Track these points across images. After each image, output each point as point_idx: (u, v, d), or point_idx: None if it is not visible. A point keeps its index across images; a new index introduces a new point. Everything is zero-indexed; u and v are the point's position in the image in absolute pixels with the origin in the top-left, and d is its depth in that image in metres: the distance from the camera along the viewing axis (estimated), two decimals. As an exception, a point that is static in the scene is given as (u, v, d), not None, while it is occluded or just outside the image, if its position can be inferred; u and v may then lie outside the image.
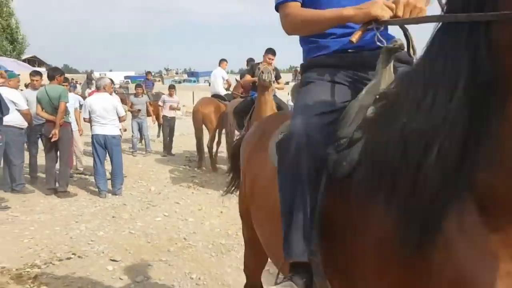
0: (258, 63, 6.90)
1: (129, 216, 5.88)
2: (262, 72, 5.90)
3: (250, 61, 9.99)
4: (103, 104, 6.83)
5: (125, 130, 9.73)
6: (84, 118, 7.11)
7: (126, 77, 64.01)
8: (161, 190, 7.40)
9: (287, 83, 32.51)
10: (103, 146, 6.88)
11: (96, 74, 32.87)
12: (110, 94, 7.43)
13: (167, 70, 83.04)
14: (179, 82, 46.12)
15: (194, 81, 49.98)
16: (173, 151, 11.14)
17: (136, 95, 11.63)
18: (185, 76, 70.96)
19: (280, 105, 6.75)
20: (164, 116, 11.23)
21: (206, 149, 9.36)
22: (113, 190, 7.00)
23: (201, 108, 9.04)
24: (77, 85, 20.95)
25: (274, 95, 6.79)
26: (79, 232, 5.19)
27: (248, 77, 7.47)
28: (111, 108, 6.90)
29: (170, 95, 11.39)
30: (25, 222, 5.54)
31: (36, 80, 7.56)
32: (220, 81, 9.76)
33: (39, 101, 6.71)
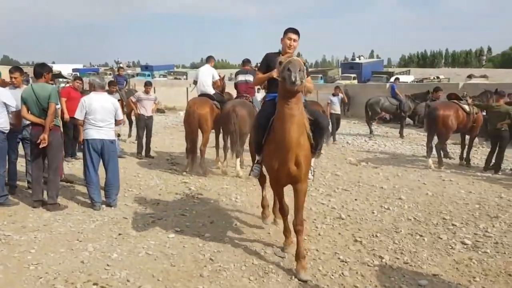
0: (277, 53, 4.78)
1: (137, 233, 5.31)
2: (289, 70, 3.64)
3: (247, 62, 9.55)
4: (104, 105, 6.16)
5: (118, 135, 9.10)
6: (77, 120, 6.35)
7: (74, 70, 61.01)
8: (158, 199, 6.84)
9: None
10: (99, 152, 6.21)
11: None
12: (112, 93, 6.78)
13: (117, 63, 79.83)
14: (133, 76, 44.33)
15: (149, 75, 48.14)
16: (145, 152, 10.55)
17: (109, 92, 10.85)
18: (138, 70, 68.71)
19: (316, 118, 4.66)
20: (140, 115, 10.55)
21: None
22: (107, 201, 6.36)
23: (197, 109, 8.49)
24: (30, 78, 19.49)
25: (305, 102, 4.67)
26: (88, 255, 4.57)
27: (261, 75, 5.02)
28: (112, 110, 6.24)
29: (146, 92, 10.70)
30: (21, 242, 4.84)
31: (15, 78, 6.74)
32: (210, 79, 9.24)
33: (24, 101, 5.95)
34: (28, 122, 6.59)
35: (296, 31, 4.76)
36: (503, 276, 4.33)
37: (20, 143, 6.91)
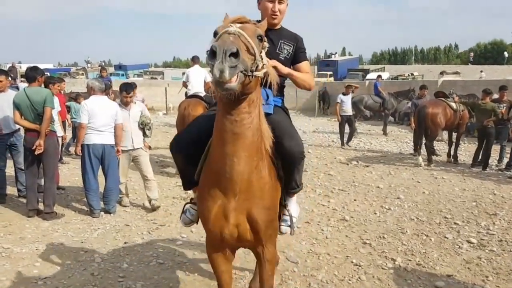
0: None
1: (143, 241, 5.16)
2: (212, 55, 1.91)
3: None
4: (104, 109, 5.94)
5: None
6: (81, 124, 6.06)
7: (44, 70, 59.10)
8: (155, 204, 6.67)
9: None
10: (100, 157, 6.00)
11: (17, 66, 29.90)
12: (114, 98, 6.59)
13: (87, 62, 77.74)
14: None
15: (123, 75, 47.18)
16: None
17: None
18: (112, 69, 67.34)
19: (280, 139, 2.71)
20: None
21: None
22: (106, 207, 6.15)
23: (192, 111, 8.33)
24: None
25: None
26: (97, 266, 4.40)
27: None
28: (113, 114, 6.03)
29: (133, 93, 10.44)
30: (23, 255, 4.62)
31: (0, 81, 6.43)
32: (202, 81, 9.09)
33: (17, 106, 5.69)
34: (16, 128, 6.34)
35: None
36: (515, 274, 4.40)
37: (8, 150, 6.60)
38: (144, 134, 6.58)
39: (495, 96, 10.45)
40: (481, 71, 33.55)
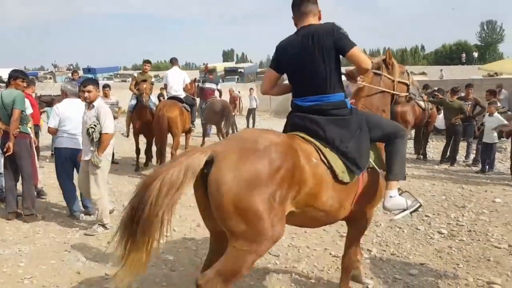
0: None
1: (126, 240, 5.21)
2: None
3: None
4: (77, 112, 5.94)
5: None
6: (48, 128, 6.09)
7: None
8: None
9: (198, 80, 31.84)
10: (73, 160, 5.99)
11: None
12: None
13: (55, 66, 75.90)
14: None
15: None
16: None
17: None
18: (81, 73, 65.98)
19: None
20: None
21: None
22: (85, 210, 6.17)
23: (166, 112, 8.40)
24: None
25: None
26: (83, 265, 4.46)
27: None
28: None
29: (105, 95, 10.42)
30: (6, 257, 4.62)
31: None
32: (181, 83, 9.16)
33: (-8, 109, 5.67)
34: None
35: None
36: (483, 261, 4.68)
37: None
38: (92, 143, 5.39)
39: (462, 94, 10.92)
40: (441, 70, 36.28)
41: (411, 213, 3.43)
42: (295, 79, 3.20)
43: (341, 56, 3.04)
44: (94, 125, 5.32)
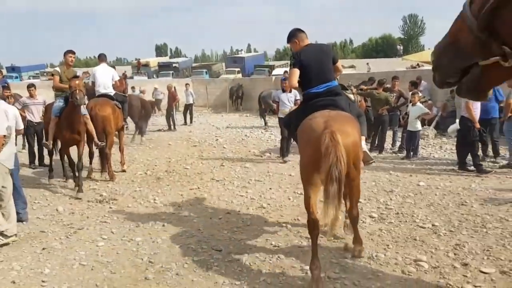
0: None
1: (62, 246, 5.06)
2: None
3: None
4: (6, 114, 5.58)
5: None
6: None
7: None
8: (72, 209, 6.53)
9: (130, 77, 30.40)
10: None
11: None
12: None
13: (-29, 66, 70.52)
14: (-4, 79, 39.45)
15: (17, 78, 43.30)
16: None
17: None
18: (4, 72, 61.69)
19: None
20: (29, 122, 9.75)
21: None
22: (17, 216, 5.86)
23: (98, 111, 8.14)
24: None
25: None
26: (17, 274, 4.28)
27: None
28: (11, 119, 5.69)
29: (31, 95, 9.94)
30: None
31: None
32: (110, 80, 8.87)
33: None
34: None
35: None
36: (410, 241, 5.06)
37: None
38: None
39: (388, 85, 11.57)
40: (367, 64, 38.56)
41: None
42: (314, 73, 4.55)
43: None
44: None
